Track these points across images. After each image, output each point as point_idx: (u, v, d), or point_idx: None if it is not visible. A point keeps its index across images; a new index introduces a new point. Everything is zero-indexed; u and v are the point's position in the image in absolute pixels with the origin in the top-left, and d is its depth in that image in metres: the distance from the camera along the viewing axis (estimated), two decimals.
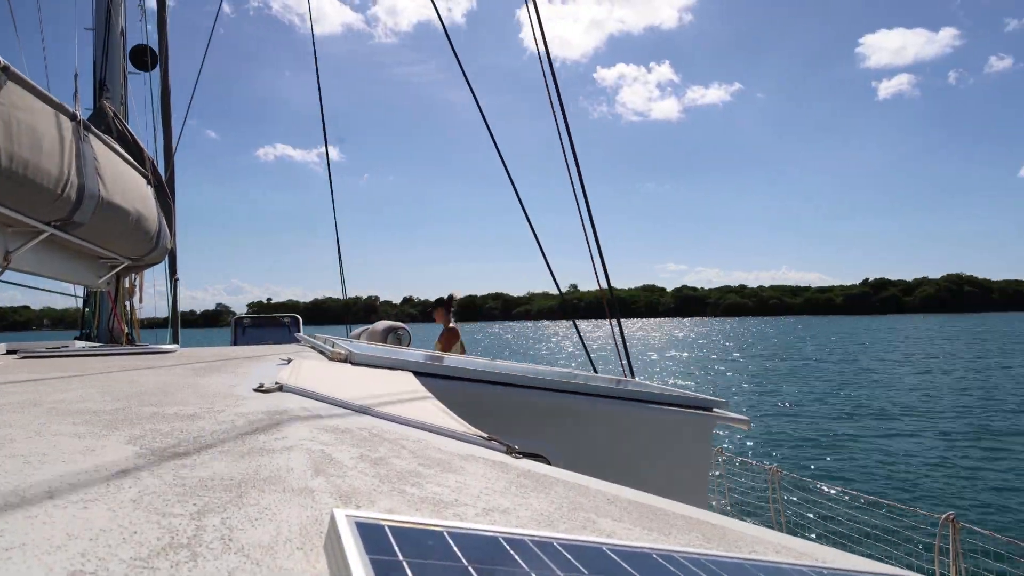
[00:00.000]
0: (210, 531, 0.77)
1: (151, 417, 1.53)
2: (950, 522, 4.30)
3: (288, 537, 0.77)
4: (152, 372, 2.69)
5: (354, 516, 0.67)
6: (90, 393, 1.97)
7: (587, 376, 4.09)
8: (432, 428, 1.71)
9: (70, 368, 2.86)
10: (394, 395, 2.33)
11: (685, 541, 0.99)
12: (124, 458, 1.11)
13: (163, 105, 7.25)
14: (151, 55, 7.20)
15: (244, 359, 3.39)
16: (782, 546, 1.05)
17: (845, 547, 5.05)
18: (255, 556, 0.71)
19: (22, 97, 3.49)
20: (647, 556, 0.74)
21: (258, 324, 10.75)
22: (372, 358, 3.16)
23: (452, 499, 1.02)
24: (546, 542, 0.71)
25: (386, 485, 1.05)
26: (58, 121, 3.90)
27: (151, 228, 5.45)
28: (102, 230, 4.55)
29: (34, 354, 3.74)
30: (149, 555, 0.69)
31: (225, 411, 1.64)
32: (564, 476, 1.37)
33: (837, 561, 1.00)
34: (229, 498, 0.90)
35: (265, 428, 1.42)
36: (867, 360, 35.72)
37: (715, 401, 3.32)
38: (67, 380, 2.34)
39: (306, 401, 1.85)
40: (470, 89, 6.21)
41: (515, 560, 0.64)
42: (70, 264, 4.85)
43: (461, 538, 0.67)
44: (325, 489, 0.98)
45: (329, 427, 1.50)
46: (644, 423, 3.09)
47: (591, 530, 0.98)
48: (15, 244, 3.83)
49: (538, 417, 2.98)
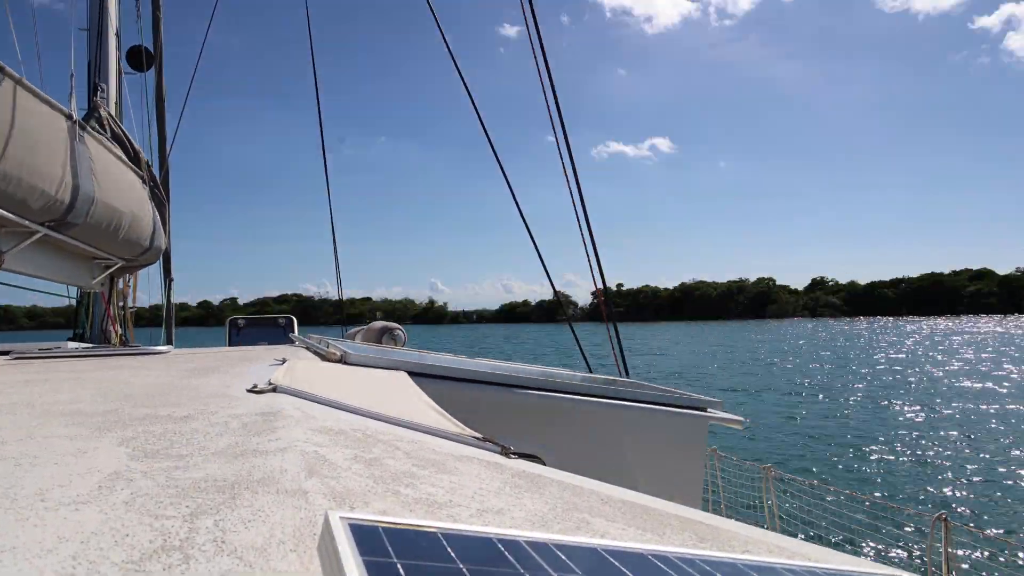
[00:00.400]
0: (203, 533, 0.77)
1: (144, 419, 1.52)
2: (942, 521, 4.32)
3: (282, 539, 0.77)
4: (145, 373, 2.68)
5: (348, 517, 0.67)
6: (82, 395, 1.96)
7: (582, 377, 4.09)
8: (426, 429, 1.71)
9: (63, 370, 2.85)
10: (389, 396, 2.33)
11: (679, 541, 1.00)
12: (116, 460, 1.11)
13: (158, 106, 7.24)
14: (146, 55, 7.18)
15: (238, 360, 3.39)
16: (776, 546, 1.05)
17: (839, 547, 5.07)
18: (248, 558, 0.71)
19: (18, 97, 3.48)
20: (641, 556, 0.74)
21: (253, 325, 10.72)
22: (367, 358, 3.16)
23: (446, 500, 1.02)
24: (540, 543, 0.72)
25: (380, 486, 1.05)
26: (53, 121, 3.89)
27: (146, 229, 5.44)
28: (96, 231, 4.53)
29: (27, 356, 3.73)
30: (141, 558, 0.69)
31: (218, 412, 1.63)
32: (558, 477, 1.37)
33: (831, 561, 1.00)
34: (222, 500, 0.90)
35: (259, 429, 1.41)
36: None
37: (709, 401, 3.33)
38: (59, 382, 2.33)
39: (300, 402, 1.85)
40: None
41: (509, 561, 0.64)
42: (64, 264, 4.83)
43: (455, 539, 0.67)
44: (319, 490, 0.98)
45: (323, 428, 1.50)
46: (638, 423, 3.09)
47: (585, 531, 0.98)
48: (9, 244, 3.81)
49: (533, 418, 2.98)
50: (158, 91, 7.21)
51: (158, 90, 7.21)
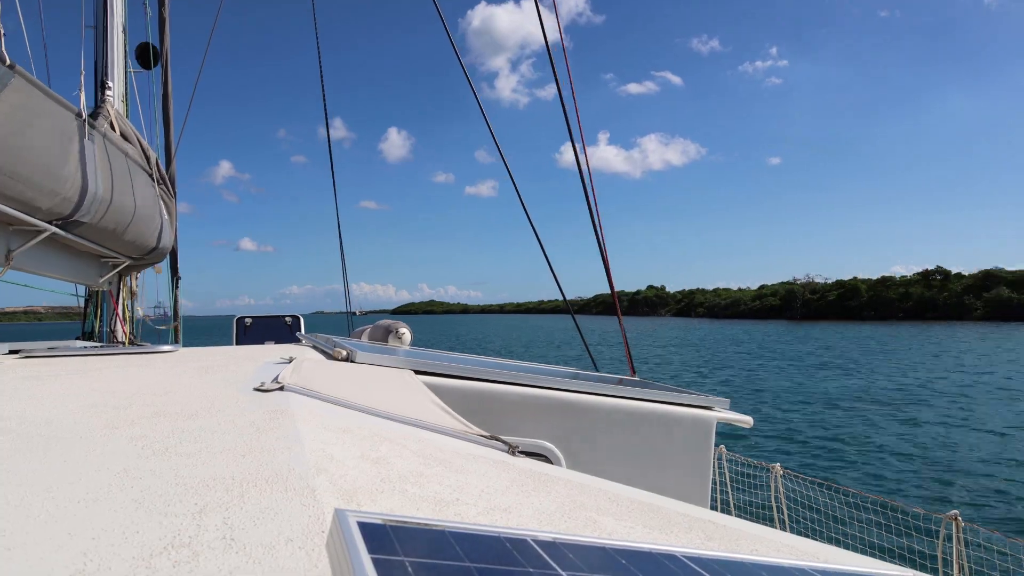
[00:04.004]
0: (211, 530, 0.77)
1: (152, 416, 1.53)
2: (953, 520, 4.30)
3: (290, 536, 0.77)
4: (153, 371, 2.69)
5: (356, 515, 0.66)
6: (90, 393, 1.97)
7: (588, 375, 4.09)
8: (433, 427, 1.71)
9: (71, 368, 2.86)
10: (395, 394, 2.33)
11: (686, 540, 0.99)
12: (124, 457, 1.11)
13: (164, 103, 7.26)
14: (153, 53, 7.21)
15: (245, 358, 3.40)
16: (785, 545, 1.05)
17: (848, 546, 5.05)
18: (257, 555, 0.71)
19: (28, 95, 3.49)
20: (649, 555, 0.74)
21: (259, 323, 10.75)
22: (373, 357, 3.16)
23: (453, 498, 1.02)
24: (548, 541, 0.71)
25: (387, 484, 1.05)
26: (63, 119, 3.90)
27: (154, 227, 5.46)
28: (104, 229, 4.55)
29: (36, 354, 3.75)
30: (151, 554, 0.69)
31: (226, 410, 1.64)
32: (565, 475, 1.37)
33: (840, 560, 1.00)
34: (230, 498, 0.90)
35: (266, 428, 1.42)
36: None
37: (717, 400, 3.32)
38: (68, 379, 2.34)
39: (307, 400, 1.85)
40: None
41: (517, 559, 0.64)
42: (72, 263, 4.85)
43: (463, 537, 0.67)
44: (327, 488, 0.98)
45: (330, 426, 1.50)
46: (645, 422, 3.09)
47: (593, 529, 0.97)
48: (16, 243, 3.83)
49: (539, 416, 2.98)
50: (164, 88, 7.23)
51: (164, 87, 7.23)
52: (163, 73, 7.23)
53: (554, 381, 3.08)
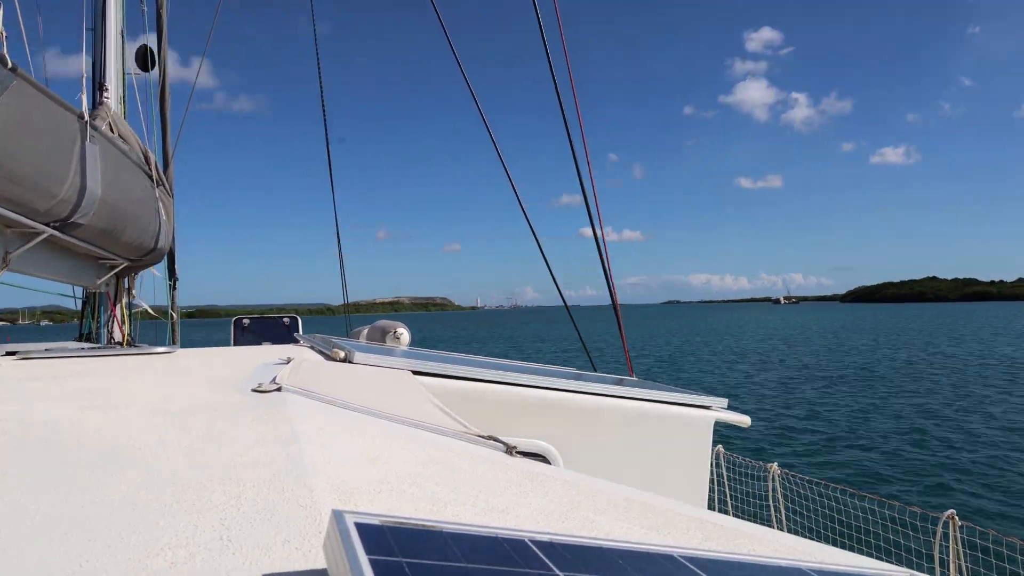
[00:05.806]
0: (208, 531, 0.77)
1: (149, 417, 1.53)
2: (950, 519, 4.31)
3: (287, 537, 0.77)
4: (150, 373, 2.68)
5: (353, 516, 0.66)
6: (88, 393, 1.97)
7: (586, 375, 4.09)
8: (431, 428, 1.71)
9: (68, 369, 2.86)
10: (393, 394, 2.33)
11: (684, 540, 0.99)
12: (122, 458, 1.11)
13: (161, 105, 7.26)
14: (150, 56, 7.20)
15: (243, 359, 3.39)
16: (782, 544, 1.05)
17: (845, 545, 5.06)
18: (253, 556, 0.71)
19: (28, 97, 3.48)
20: (646, 555, 0.74)
21: (257, 324, 10.73)
22: (371, 358, 3.16)
23: (451, 498, 1.02)
24: (546, 541, 0.71)
25: (385, 485, 1.05)
26: (63, 121, 3.90)
27: (151, 229, 5.45)
28: (102, 231, 4.54)
29: (33, 356, 3.74)
30: (147, 555, 0.69)
31: (223, 411, 1.63)
32: (563, 475, 1.37)
33: (837, 559, 1.00)
34: (227, 498, 0.90)
35: (263, 428, 1.42)
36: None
37: (715, 400, 3.32)
38: (65, 381, 2.33)
39: (305, 401, 1.85)
40: None
41: (514, 559, 0.64)
42: (69, 265, 4.84)
43: (461, 538, 0.67)
44: (324, 489, 0.98)
45: (328, 427, 1.50)
46: (643, 422, 3.09)
47: (590, 529, 0.97)
48: (14, 246, 3.82)
49: (537, 416, 2.98)
50: (162, 91, 7.23)
51: (162, 89, 7.23)
52: (161, 75, 7.23)
53: (551, 381, 3.08)
